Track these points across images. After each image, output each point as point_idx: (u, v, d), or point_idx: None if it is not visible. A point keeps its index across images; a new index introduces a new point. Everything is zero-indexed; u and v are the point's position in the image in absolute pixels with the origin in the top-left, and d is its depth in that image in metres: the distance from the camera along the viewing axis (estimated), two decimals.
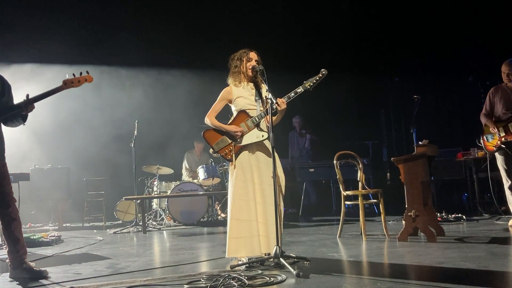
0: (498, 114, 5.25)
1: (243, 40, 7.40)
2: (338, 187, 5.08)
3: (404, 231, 4.48)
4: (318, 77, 3.62)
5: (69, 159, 8.20)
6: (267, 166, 3.61)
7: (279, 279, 2.95)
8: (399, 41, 8.77)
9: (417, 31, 8.62)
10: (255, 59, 3.72)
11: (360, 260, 3.62)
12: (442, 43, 8.56)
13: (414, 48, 8.68)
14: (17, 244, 3.46)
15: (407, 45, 8.72)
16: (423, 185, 4.47)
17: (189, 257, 4.12)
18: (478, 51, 8.18)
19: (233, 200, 3.57)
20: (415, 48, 8.66)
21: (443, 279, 2.81)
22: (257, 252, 3.49)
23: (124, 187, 8.15)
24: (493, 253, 3.61)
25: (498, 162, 5.24)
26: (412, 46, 8.70)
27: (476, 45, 8.25)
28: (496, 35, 7.91)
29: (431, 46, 8.70)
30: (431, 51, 8.73)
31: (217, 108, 3.79)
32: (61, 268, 3.83)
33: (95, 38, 8.21)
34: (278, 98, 3.54)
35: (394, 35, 8.82)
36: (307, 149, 8.93)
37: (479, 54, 8.20)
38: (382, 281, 2.83)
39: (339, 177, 5.00)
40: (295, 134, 9.00)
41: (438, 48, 8.67)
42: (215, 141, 3.70)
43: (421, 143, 4.82)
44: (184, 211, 7.33)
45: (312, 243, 4.63)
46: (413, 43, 8.71)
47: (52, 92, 3.42)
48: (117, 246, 5.19)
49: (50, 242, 5.45)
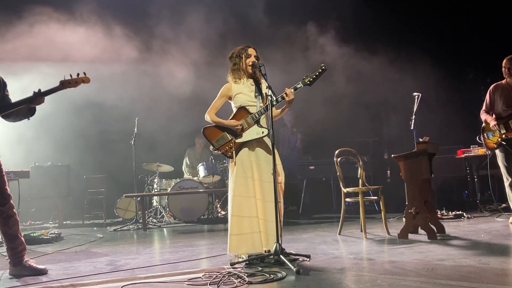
0: (498, 111, 5.24)
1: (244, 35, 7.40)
2: (338, 184, 5.08)
3: (404, 228, 4.48)
4: (318, 72, 3.61)
5: (69, 157, 8.19)
6: (267, 163, 3.60)
7: (279, 276, 2.95)
8: (399, 38, 8.75)
9: (417, 27, 8.60)
10: (254, 55, 3.72)
11: (360, 257, 3.62)
12: (443, 39, 8.55)
13: (414, 44, 8.66)
14: (15, 241, 3.46)
15: (407, 42, 8.70)
16: (423, 182, 4.47)
17: (189, 255, 4.12)
18: (479, 48, 8.18)
19: (233, 197, 3.56)
20: (416, 44, 8.64)
21: (444, 276, 2.81)
22: (258, 248, 3.49)
23: (124, 184, 8.14)
24: (494, 250, 3.61)
25: (499, 159, 5.23)
26: (413, 42, 8.68)
27: (477, 42, 8.24)
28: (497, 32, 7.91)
29: (432, 42, 8.69)
30: (432, 48, 8.71)
31: (217, 105, 3.79)
32: (61, 265, 3.83)
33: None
34: (286, 88, 3.55)
35: (395, 31, 8.81)
36: (298, 148, 8.78)
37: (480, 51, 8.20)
38: (382, 278, 2.83)
39: (339, 174, 4.99)
40: (286, 132, 8.81)
41: (438, 45, 8.66)
42: (215, 138, 3.70)
43: (422, 140, 4.82)
44: (184, 209, 7.34)
45: (312, 240, 4.63)
46: (414, 39, 8.70)
47: (49, 92, 3.42)
48: (117, 244, 5.19)
49: (50, 239, 5.45)
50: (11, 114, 3.51)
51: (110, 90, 8.15)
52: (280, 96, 3.54)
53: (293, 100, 3.57)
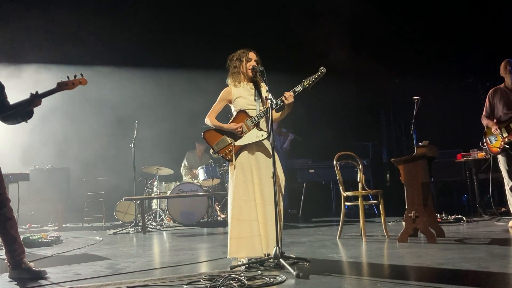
0: (499, 115, 5.25)
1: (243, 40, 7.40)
2: (338, 188, 5.08)
3: (404, 232, 4.47)
4: (317, 75, 3.61)
5: (68, 160, 8.19)
6: (266, 167, 3.60)
7: (279, 280, 2.94)
8: (400, 42, 8.77)
9: (418, 31, 8.62)
10: (254, 59, 3.73)
11: (360, 261, 3.61)
12: (443, 44, 8.57)
13: (414, 49, 8.68)
14: (14, 244, 3.45)
15: (407, 46, 8.72)
16: (423, 186, 4.47)
17: (189, 258, 4.11)
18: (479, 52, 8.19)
19: (233, 200, 3.56)
20: (416, 49, 8.66)
21: (443, 280, 2.81)
22: (258, 252, 3.48)
23: (123, 187, 8.14)
24: (493, 254, 3.61)
25: (500, 163, 5.23)
26: (413, 47, 8.70)
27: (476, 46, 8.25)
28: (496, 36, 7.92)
29: (432, 47, 8.71)
30: (432, 52, 8.74)
31: (217, 108, 3.79)
32: (61, 269, 3.82)
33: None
34: (286, 92, 3.55)
35: (395, 35, 8.82)
36: (285, 149, 8.26)
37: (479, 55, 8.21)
38: (382, 282, 2.83)
39: (339, 178, 4.99)
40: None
41: (438, 49, 8.67)
42: (215, 141, 3.70)
43: (421, 144, 4.82)
44: (184, 212, 7.33)
45: (312, 244, 4.63)
46: (414, 44, 8.71)
47: (47, 94, 3.41)
48: (117, 247, 5.18)
49: (49, 242, 5.44)
50: (9, 117, 3.51)
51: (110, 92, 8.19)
52: (279, 99, 3.55)
53: (292, 103, 3.57)
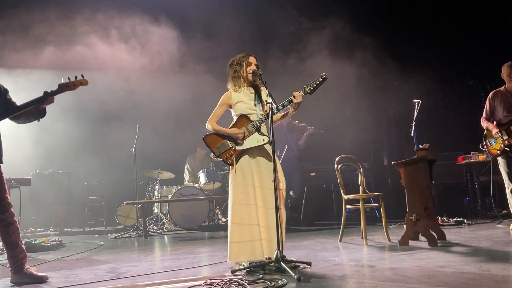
0: (499, 117, 5.25)
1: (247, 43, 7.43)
2: (339, 191, 5.08)
3: (405, 235, 4.48)
4: (319, 81, 3.63)
5: (70, 164, 8.20)
6: (268, 170, 3.61)
7: (280, 283, 2.95)
8: (400, 44, 8.79)
9: (418, 34, 8.63)
10: (254, 63, 3.75)
11: (361, 264, 3.62)
12: (443, 46, 8.58)
13: (414, 51, 8.69)
14: (16, 249, 3.47)
15: (408, 48, 8.74)
16: (424, 189, 4.47)
17: (190, 262, 4.11)
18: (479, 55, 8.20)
19: (233, 205, 3.57)
20: (416, 51, 8.68)
21: (445, 283, 2.81)
22: (258, 256, 3.49)
23: (125, 191, 8.14)
24: (495, 257, 3.61)
25: (501, 166, 5.23)
26: (413, 49, 8.71)
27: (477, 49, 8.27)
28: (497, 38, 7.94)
29: (432, 49, 8.72)
30: (432, 54, 8.75)
31: (217, 113, 3.81)
32: (62, 273, 3.83)
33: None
34: (295, 92, 3.58)
35: (395, 38, 8.84)
36: (301, 147, 7.53)
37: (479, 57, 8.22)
38: (383, 285, 2.83)
39: (340, 181, 5.00)
40: (281, 131, 7.39)
41: (438, 51, 8.69)
42: (216, 146, 3.71)
43: (422, 147, 4.82)
44: (185, 216, 7.33)
45: (313, 247, 4.63)
46: (414, 46, 8.73)
47: (56, 93, 3.43)
48: (118, 251, 5.19)
49: (51, 247, 5.46)
50: (21, 116, 3.53)
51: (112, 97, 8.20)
52: (287, 100, 3.58)
53: (301, 103, 3.59)
